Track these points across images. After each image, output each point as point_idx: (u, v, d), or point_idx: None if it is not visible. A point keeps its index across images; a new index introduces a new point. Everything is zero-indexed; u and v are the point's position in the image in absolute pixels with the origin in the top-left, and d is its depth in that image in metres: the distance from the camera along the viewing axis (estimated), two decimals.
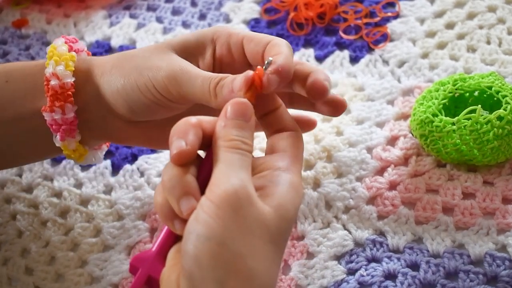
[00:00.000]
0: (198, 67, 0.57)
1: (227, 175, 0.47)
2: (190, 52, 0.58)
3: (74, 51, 0.61)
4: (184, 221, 0.47)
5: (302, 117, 0.63)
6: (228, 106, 0.50)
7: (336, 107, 0.59)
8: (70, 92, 0.58)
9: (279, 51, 0.54)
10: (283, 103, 0.55)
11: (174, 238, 0.49)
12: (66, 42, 0.61)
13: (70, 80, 0.58)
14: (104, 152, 0.65)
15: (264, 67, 0.52)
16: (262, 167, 0.50)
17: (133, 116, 0.59)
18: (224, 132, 0.49)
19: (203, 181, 0.48)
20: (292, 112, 0.57)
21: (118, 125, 0.60)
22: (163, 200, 0.48)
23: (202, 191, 0.47)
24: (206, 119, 0.50)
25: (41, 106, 0.59)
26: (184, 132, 0.48)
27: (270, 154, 0.52)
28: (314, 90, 0.55)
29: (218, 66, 0.59)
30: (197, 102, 0.55)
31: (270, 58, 0.52)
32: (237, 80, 0.52)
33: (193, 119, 0.49)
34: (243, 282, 0.45)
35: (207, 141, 0.50)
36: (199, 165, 0.49)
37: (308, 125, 0.64)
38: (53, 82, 0.58)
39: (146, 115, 0.59)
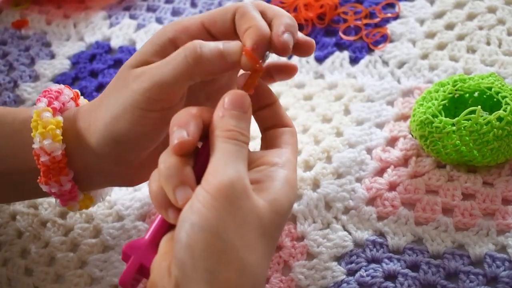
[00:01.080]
0: None
1: (224, 166, 0.47)
2: (150, 62, 0.55)
3: (59, 109, 0.58)
4: (178, 210, 0.47)
5: (281, 64, 0.57)
6: (226, 96, 0.50)
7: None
8: (63, 164, 0.56)
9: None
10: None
11: (167, 227, 0.49)
12: (50, 102, 0.57)
13: (60, 150, 0.56)
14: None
15: (262, 61, 0.52)
16: (260, 161, 0.50)
17: (147, 146, 0.56)
18: (222, 122, 0.49)
19: (199, 171, 0.48)
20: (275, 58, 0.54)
21: (127, 172, 0.58)
22: (158, 188, 0.48)
23: (198, 181, 0.47)
24: (206, 110, 0.50)
25: (32, 162, 0.56)
26: (186, 123, 0.48)
27: (265, 149, 0.53)
28: (277, 48, 0.52)
29: None
30: (185, 84, 0.53)
31: (268, 52, 0.53)
32: (233, 45, 0.52)
33: (194, 109, 0.49)
34: (235, 273, 0.45)
35: (204, 132, 0.49)
36: (195, 155, 0.49)
37: (290, 70, 0.57)
38: (43, 158, 0.56)
39: (157, 137, 0.56)
